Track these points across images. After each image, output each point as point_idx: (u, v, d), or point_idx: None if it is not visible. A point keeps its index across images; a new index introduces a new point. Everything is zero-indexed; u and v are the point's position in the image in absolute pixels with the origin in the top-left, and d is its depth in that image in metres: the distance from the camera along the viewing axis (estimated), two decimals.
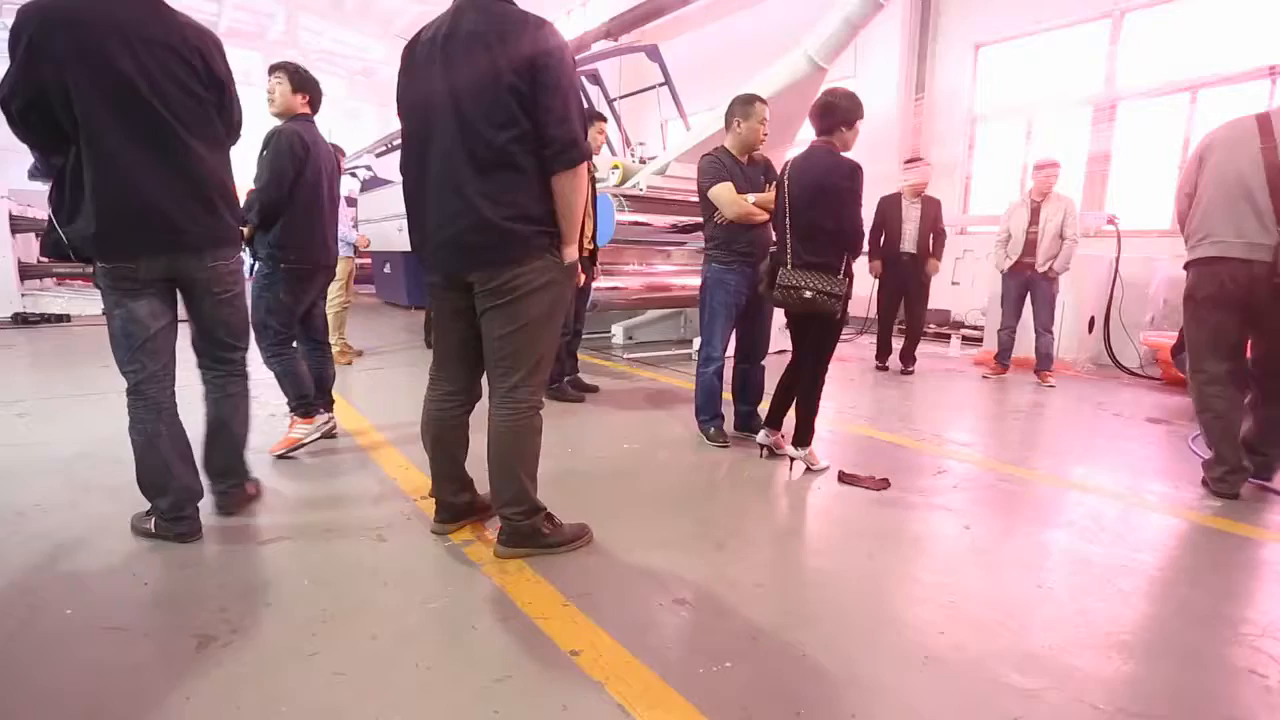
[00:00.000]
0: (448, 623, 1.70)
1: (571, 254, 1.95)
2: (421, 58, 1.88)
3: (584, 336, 4.82)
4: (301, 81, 2.96)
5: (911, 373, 5.33)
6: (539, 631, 1.65)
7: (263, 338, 2.96)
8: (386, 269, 10.26)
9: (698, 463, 3.03)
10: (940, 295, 7.55)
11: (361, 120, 24.46)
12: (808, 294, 2.57)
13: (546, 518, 2.06)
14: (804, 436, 2.84)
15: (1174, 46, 6.46)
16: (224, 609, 1.71)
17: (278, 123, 2.96)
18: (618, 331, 6.53)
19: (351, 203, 13.21)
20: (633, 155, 5.82)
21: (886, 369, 5.44)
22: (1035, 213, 4.94)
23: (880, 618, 1.76)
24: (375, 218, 9.90)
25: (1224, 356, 2.71)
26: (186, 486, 2.10)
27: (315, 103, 3.05)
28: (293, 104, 2.95)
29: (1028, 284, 5.03)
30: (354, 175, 13.51)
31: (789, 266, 2.66)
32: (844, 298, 2.59)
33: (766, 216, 3.01)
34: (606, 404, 4.14)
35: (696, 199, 5.32)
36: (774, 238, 2.97)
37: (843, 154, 2.65)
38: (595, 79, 6.45)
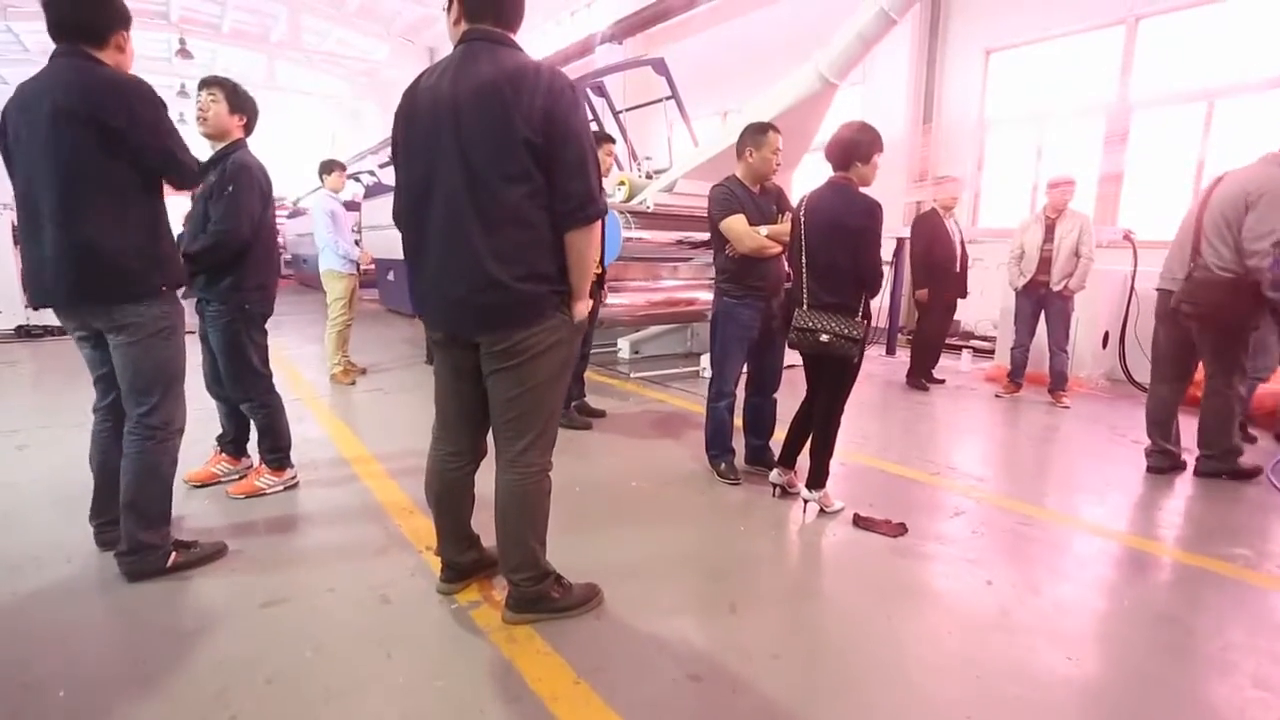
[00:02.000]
0: (456, 704, 1.63)
1: (582, 310, 1.87)
2: (425, 104, 1.78)
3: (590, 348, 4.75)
4: (239, 101, 2.71)
5: (927, 389, 5.36)
6: (550, 715, 1.59)
7: (246, 386, 2.85)
8: (390, 276, 10.19)
9: (709, 504, 2.97)
10: None
11: (363, 120, 24.40)
12: (824, 337, 2.50)
13: (555, 580, 2.00)
14: (818, 479, 2.77)
15: (1190, 55, 6.33)
16: (224, 691, 1.65)
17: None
18: (624, 345, 6.45)
19: (354, 208, 13.17)
20: (639, 169, 5.73)
21: (926, 388, 5.38)
22: (1050, 230, 4.84)
23: (905, 697, 1.69)
24: (380, 225, 9.83)
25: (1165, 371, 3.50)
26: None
27: (251, 125, 2.79)
28: (228, 125, 2.69)
29: (1042, 302, 4.94)
30: (358, 180, 13.39)
31: (805, 307, 2.58)
32: (862, 341, 2.51)
33: (780, 249, 2.93)
34: (614, 430, 4.07)
35: (705, 214, 5.30)
36: (788, 270, 2.89)
37: (861, 189, 2.57)
38: (601, 91, 6.35)
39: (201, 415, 3.03)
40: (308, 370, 5.65)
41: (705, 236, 5.49)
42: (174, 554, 2.26)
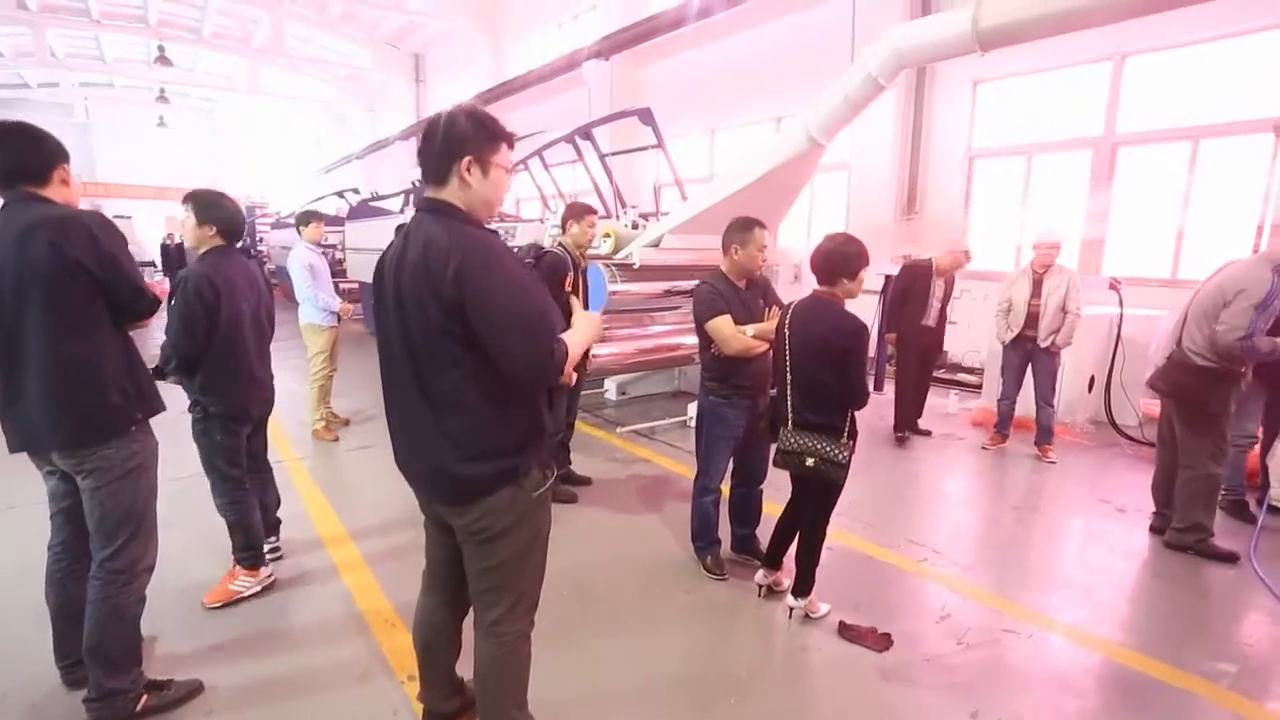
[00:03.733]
0: None
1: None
2: (385, 279, 1.73)
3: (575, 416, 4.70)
4: (207, 213, 2.75)
5: (907, 438, 5.34)
6: None
7: (212, 484, 2.88)
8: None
9: (694, 606, 2.94)
10: None
11: (349, 123, 24.09)
12: (810, 461, 2.47)
13: None
14: (804, 587, 2.75)
15: (1176, 94, 6.33)
16: None
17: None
18: (611, 387, 6.41)
19: (338, 222, 13.01)
20: (625, 216, 5.66)
21: (906, 438, 5.33)
22: (1038, 285, 4.84)
23: None
24: (364, 247, 9.71)
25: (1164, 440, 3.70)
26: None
27: (229, 231, 2.82)
28: (201, 236, 2.76)
29: (1029, 356, 4.94)
30: (342, 196, 13.22)
31: (790, 425, 2.55)
32: (847, 465, 2.48)
33: (766, 347, 2.89)
34: (600, 503, 4.03)
35: (691, 265, 5.26)
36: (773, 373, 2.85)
37: (846, 304, 2.54)
38: (587, 135, 6.26)
39: None
40: (290, 423, 5.56)
41: (692, 284, 5.50)
42: (145, 696, 2.20)
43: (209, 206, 2.77)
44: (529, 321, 1.61)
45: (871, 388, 6.97)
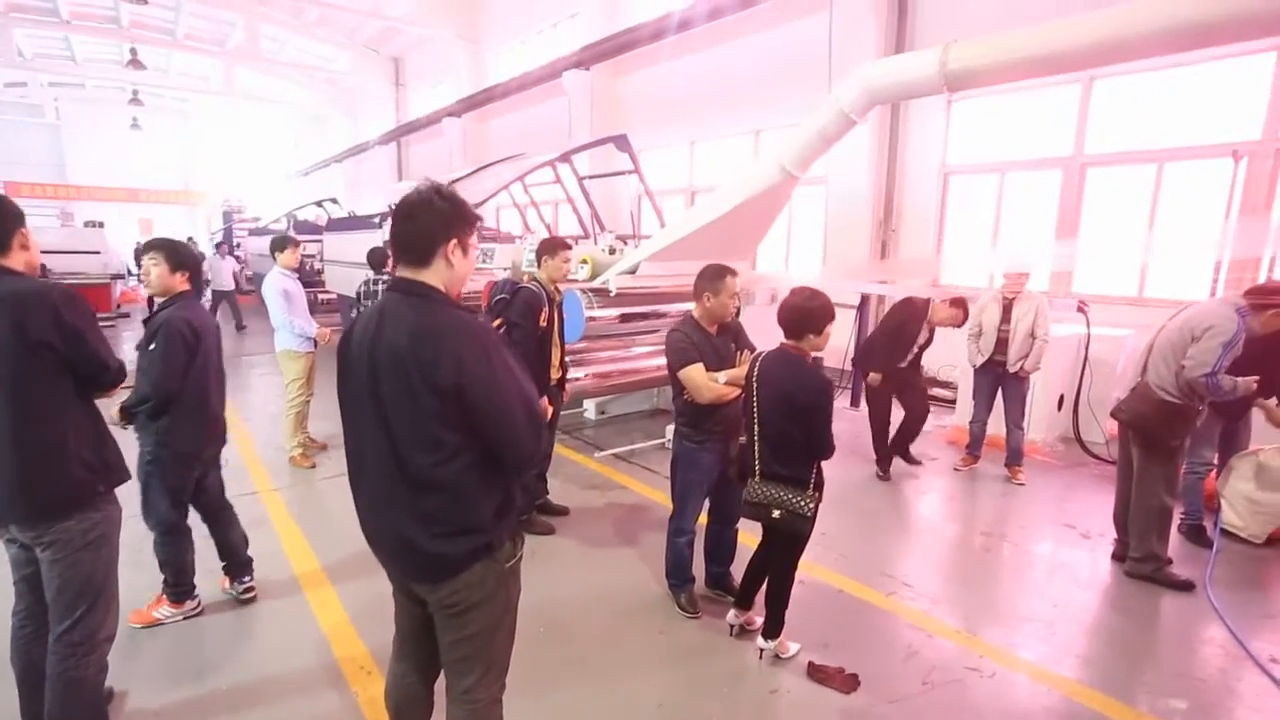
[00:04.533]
0: None
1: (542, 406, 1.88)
2: (354, 359, 1.74)
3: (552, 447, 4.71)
4: (180, 260, 2.82)
5: (887, 477, 5.09)
6: None
7: (151, 520, 2.93)
8: (354, 313, 10.00)
9: (668, 648, 2.98)
10: None
11: (328, 126, 23.84)
12: (776, 513, 2.53)
13: None
14: (774, 630, 2.81)
15: (1142, 117, 6.48)
16: None
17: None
18: (589, 406, 6.44)
19: (315, 230, 12.89)
20: (602, 240, 5.69)
21: (889, 478, 5.03)
22: (1007, 310, 4.94)
23: None
24: (342, 260, 9.62)
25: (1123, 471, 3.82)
26: None
27: (196, 278, 2.93)
28: (171, 284, 2.82)
29: (999, 380, 5.05)
30: (320, 206, 13.09)
31: (757, 477, 2.60)
32: (813, 517, 2.54)
33: (739, 392, 2.93)
34: (577, 535, 4.07)
35: (668, 292, 5.30)
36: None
37: (812, 357, 2.59)
38: (565, 159, 6.28)
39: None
40: (266, 449, 5.53)
41: (671, 308, 5.55)
42: None
43: (180, 254, 2.82)
44: (528, 406, 1.66)
45: (849, 404, 7.18)
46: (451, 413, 1.60)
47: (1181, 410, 3.47)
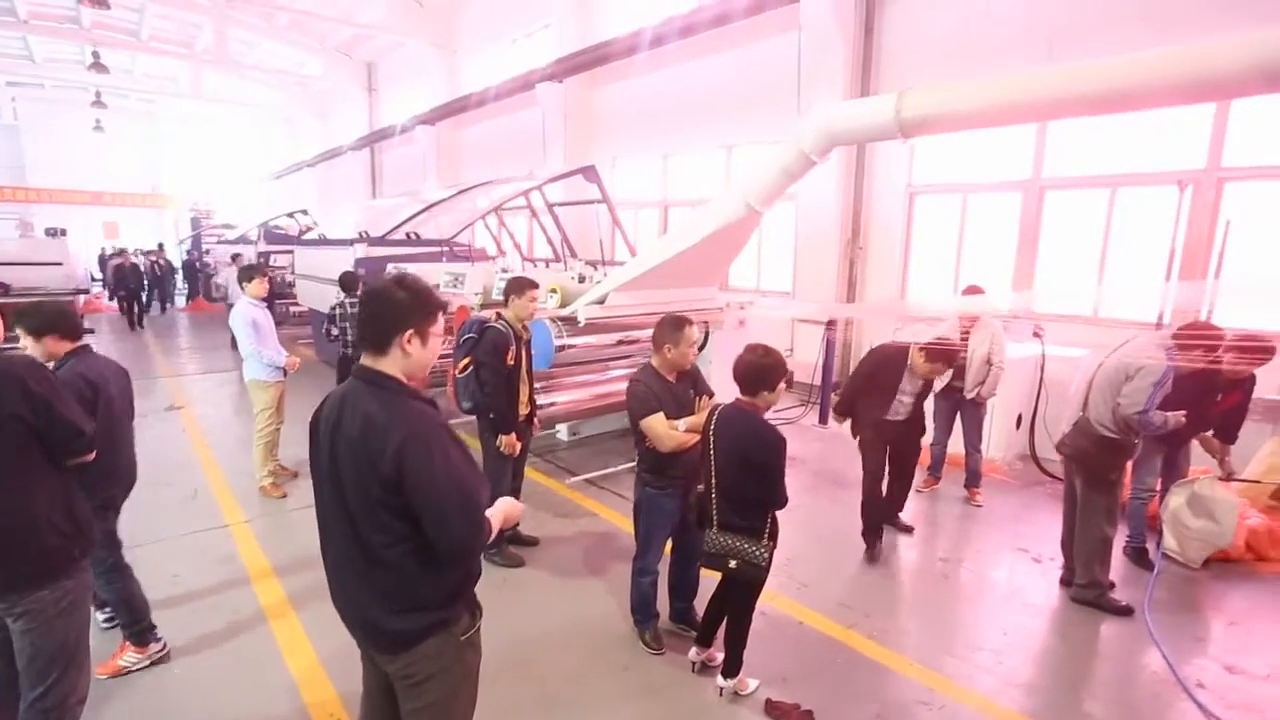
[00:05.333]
0: None
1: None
2: (320, 438, 1.82)
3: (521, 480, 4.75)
4: (38, 324, 2.67)
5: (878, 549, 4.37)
6: None
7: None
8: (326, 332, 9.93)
9: (633, 685, 3.07)
10: None
11: (299, 128, 23.53)
12: (733, 563, 2.64)
13: None
14: (732, 668, 2.91)
15: (1097, 144, 6.71)
16: None
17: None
18: (562, 428, 6.50)
19: (287, 239, 12.76)
20: (572, 268, 5.76)
21: (876, 557, 4.29)
22: (964, 338, 5.11)
23: None
24: (315, 275, 9.54)
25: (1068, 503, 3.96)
26: None
27: (73, 330, 2.80)
28: (50, 350, 2.69)
29: (958, 404, 5.23)
30: (292, 217, 12.96)
31: (714, 526, 2.71)
32: (767, 565, 2.65)
33: (698, 438, 3.02)
34: (547, 566, 4.14)
35: (638, 321, 5.38)
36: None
37: (766, 413, 2.69)
38: (537, 188, 6.33)
39: None
40: (235, 475, 5.51)
41: (641, 334, 5.62)
42: None
43: (34, 317, 2.70)
44: (464, 501, 1.71)
45: (818, 420, 7.34)
46: (395, 501, 1.68)
47: (1119, 444, 3.65)
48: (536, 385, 4.98)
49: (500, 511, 1.91)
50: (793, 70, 8.32)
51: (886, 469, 4.38)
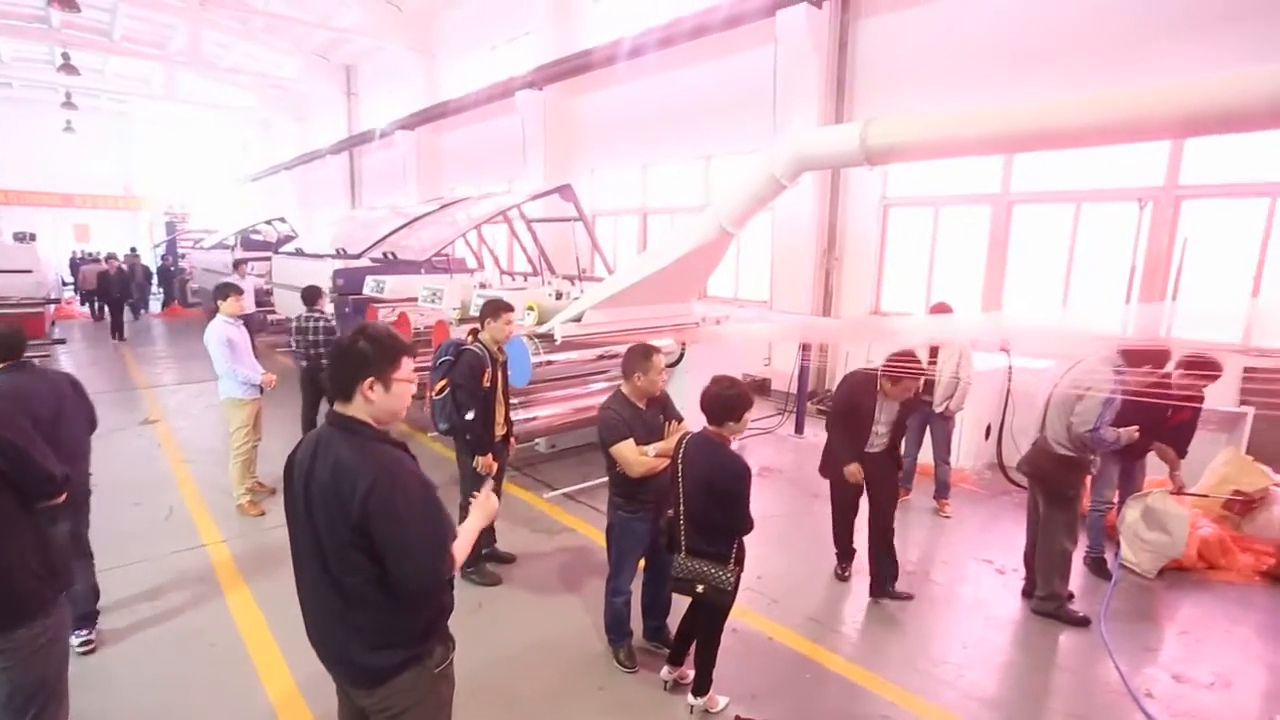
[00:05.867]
0: None
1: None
2: (295, 480, 1.88)
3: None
4: None
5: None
6: None
7: None
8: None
9: (606, 706, 3.14)
10: None
11: (276, 130, 23.28)
12: (700, 588, 2.73)
13: None
14: (702, 687, 3.00)
15: (1063, 160, 6.89)
16: None
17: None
18: (540, 440, 6.55)
19: (265, 246, 12.66)
20: (549, 285, 5.82)
21: (847, 578, 4.30)
22: (933, 353, 5.25)
23: None
24: (291, 284, 9.48)
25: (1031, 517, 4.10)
26: None
27: (11, 351, 2.86)
28: None
29: (927, 419, 5.37)
30: (270, 224, 12.86)
31: (683, 552, 2.79)
32: (733, 591, 2.74)
33: (668, 463, 3.11)
34: (524, 584, 4.20)
35: (615, 338, 5.45)
36: None
37: (732, 442, 2.79)
38: (516, 206, 6.38)
39: None
40: (211, 492, 5.49)
41: (620, 349, 5.69)
42: None
43: None
44: (426, 543, 1.78)
45: (794, 430, 7.46)
46: (364, 543, 1.75)
47: (1075, 462, 3.80)
48: (515, 401, 5.05)
49: (472, 524, 1.97)
50: (770, 82, 8.44)
51: (856, 504, 4.08)
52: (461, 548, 1.91)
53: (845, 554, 4.32)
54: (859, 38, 8.11)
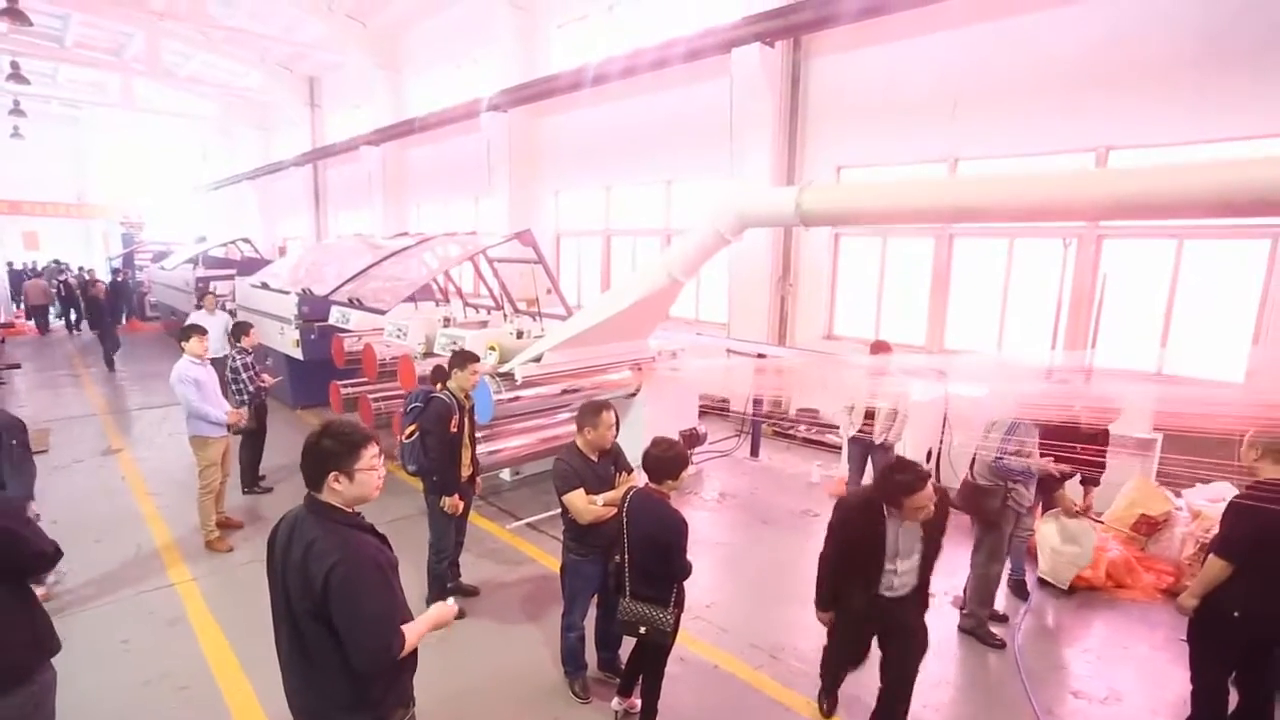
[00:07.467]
0: None
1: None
2: (276, 553, 2.12)
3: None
4: None
5: None
6: None
7: None
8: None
9: None
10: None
11: (237, 140, 22.92)
12: (643, 629, 3.02)
13: None
14: (649, 718, 3.27)
15: None
16: None
17: None
18: (505, 469, 6.76)
19: (227, 264, 12.59)
20: (510, 324, 6.05)
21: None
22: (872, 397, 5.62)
23: None
24: (260, 310, 9.48)
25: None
26: None
27: None
28: None
29: (868, 449, 5.73)
30: (236, 245, 12.80)
31: (628, 597, 3.07)
32: (673, 631, 3.04)
33: (615, 510, 3.37)
34: (486, 614, 4.42)
35: (574, 376, 5.71)
36: None
37: (670, 498, 3.08)
38: (481, 251, 6.62)
39: None
40: (180, 528, 5.56)
41: (582, 384, 5.94)
42: None
43: None
44: (377, 623, 2.02)
45: (749, 454, 7.79)
46: (323, 614, 1.99)
47: (992, 491, 4.19)
48: (480, 434, 5.26)
49: (424, 624, 2.20)
50: (726, 114, 8.78)
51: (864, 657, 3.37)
52: (410, 639, 2.11)
53: (831, 689, 3.54)
54: (810, 75, 8.51)
